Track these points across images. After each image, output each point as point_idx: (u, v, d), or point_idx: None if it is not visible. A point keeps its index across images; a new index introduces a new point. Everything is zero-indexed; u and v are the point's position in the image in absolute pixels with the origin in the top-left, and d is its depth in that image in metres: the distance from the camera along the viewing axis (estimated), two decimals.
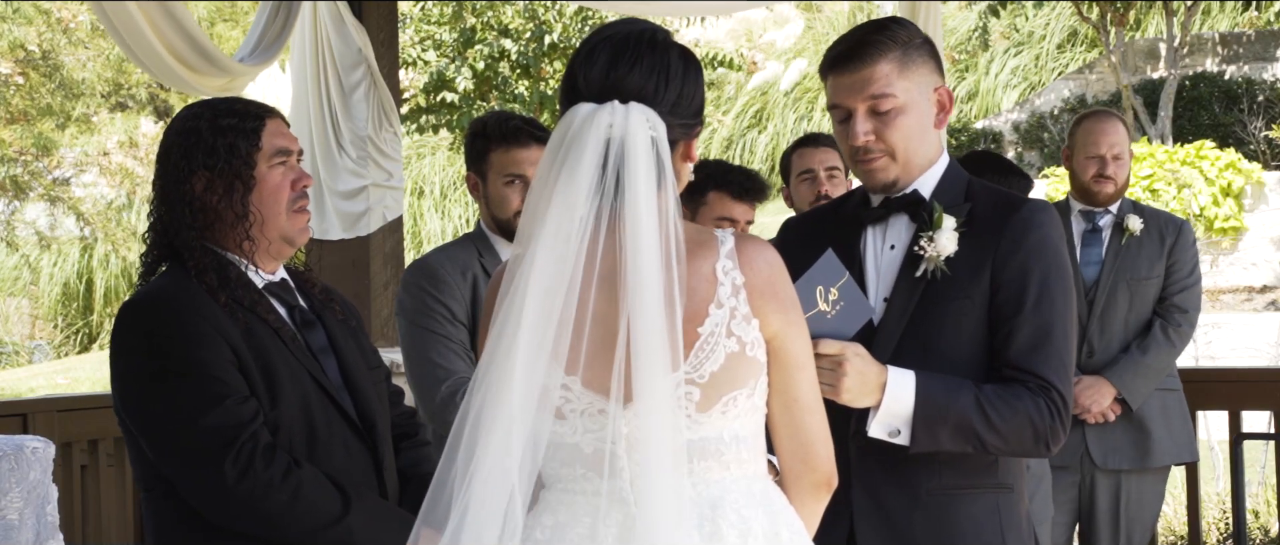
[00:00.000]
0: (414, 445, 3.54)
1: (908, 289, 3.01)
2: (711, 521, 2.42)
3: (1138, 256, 5.48)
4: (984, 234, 3.00)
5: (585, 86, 2.44)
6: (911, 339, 2.99)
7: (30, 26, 18.21)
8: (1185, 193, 14.23)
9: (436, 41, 17.38)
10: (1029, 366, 2.95)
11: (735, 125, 19.24)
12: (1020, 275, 2.97)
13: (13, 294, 19.61)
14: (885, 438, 2.92)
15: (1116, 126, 5.52)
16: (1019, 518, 3.07)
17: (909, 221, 3.05)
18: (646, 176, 2.37)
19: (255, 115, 3.28)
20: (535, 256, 2.36)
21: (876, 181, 3.06)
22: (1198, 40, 17.07)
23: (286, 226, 3.27)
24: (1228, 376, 6.41)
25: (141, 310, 3.21)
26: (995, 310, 2.98)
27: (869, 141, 3.00)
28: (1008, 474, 3.06)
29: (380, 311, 6.80)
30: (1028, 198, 3.10)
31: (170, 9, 5.92)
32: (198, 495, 3.15)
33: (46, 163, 19.58)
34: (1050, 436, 2.95)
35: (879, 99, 2.98)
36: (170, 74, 6.05)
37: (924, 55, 3.04)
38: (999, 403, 2.91)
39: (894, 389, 2.89)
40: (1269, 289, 14.06)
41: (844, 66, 3.02)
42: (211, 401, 3.11)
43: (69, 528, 5.28)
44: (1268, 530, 7.81)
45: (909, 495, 2.99)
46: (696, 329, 2.41)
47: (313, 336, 3.34)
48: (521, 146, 4.18)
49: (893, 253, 3.06)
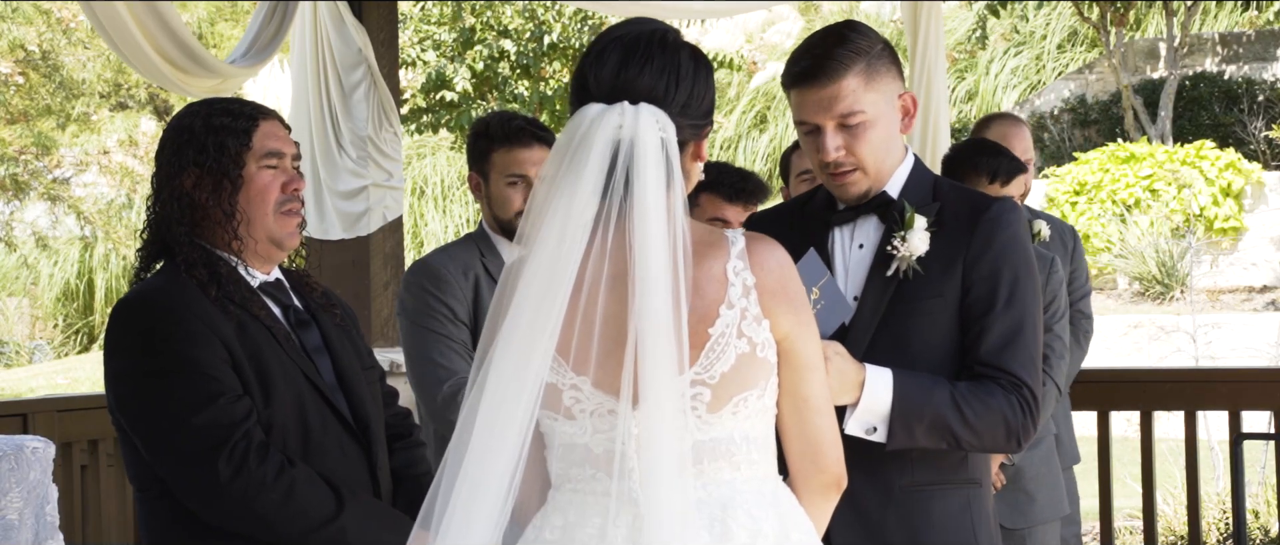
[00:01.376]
0: (408, 446, 3.54)
1: (879, 288, 3.03)
2: (722, 522, 2.42)
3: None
4: (954, 233, 3.03)
5: (595, 87, 2.44)
6: (884, 337, 3.01)
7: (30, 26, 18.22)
8: (1185, 193, 14.23)
9: (436, 41, 17.38)
10: (1001, 364, 2.98)
11: (737, 126, 19.24)
12: (992, 274, 3.00)
13: (13, 294, 19.61)
14: (862, 435, 2.94)
15: (1023, 131, 5.49)
16: (988, 513, 3.11)
17: (878, 221, 3.08)
18: (655, 178, 2.37)
19: (249, 115, 3.28)
20: (538, 256, 2.37)
21: (849, 194, 3.09)
22: (1198, 40, 17.07)
23: (273, 228, 3.27)
24: (1228, 376, 6.41)
25: (135, 309, 3.21)
26: (967, 309, 3.01)
27: (841, 157, 3.02)
28: (976, 470, 3.10)
29: (380, 311, 6.80)
30: (994, 198, 3.12)
31: (159, 10, 5.91)
32: (191, 494, 3.15)
33: (46, 162, 19.59)
34: (1022, 433, 2.99)
35: (847, 115, 3.00)
36: (159, 75, 6.05)
37: (886, 63, 3.05)
38: (973, 400, 2.95)
39: (872, 387, 2.92)
40: (1269, 289, 14.06)
41: (809, 82, 3.02)
42: (205, 400, 3.11)
43: (69, 528, 5.28)
44: (1268, 530, 7.81)
45: (882, 492, 3.01)
46: (707, 330, 2.41)
47: (307, 336, 3.34)
48: (524, 147, 4.18)
49: (861, 252, 3.08)
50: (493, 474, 2.35)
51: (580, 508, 2.44)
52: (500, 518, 2.36)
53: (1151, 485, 6.27)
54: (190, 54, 6.08)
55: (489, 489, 2.35)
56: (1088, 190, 14.66)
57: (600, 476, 2.42)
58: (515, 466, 2.36)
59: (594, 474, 2.43)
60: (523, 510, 2.48)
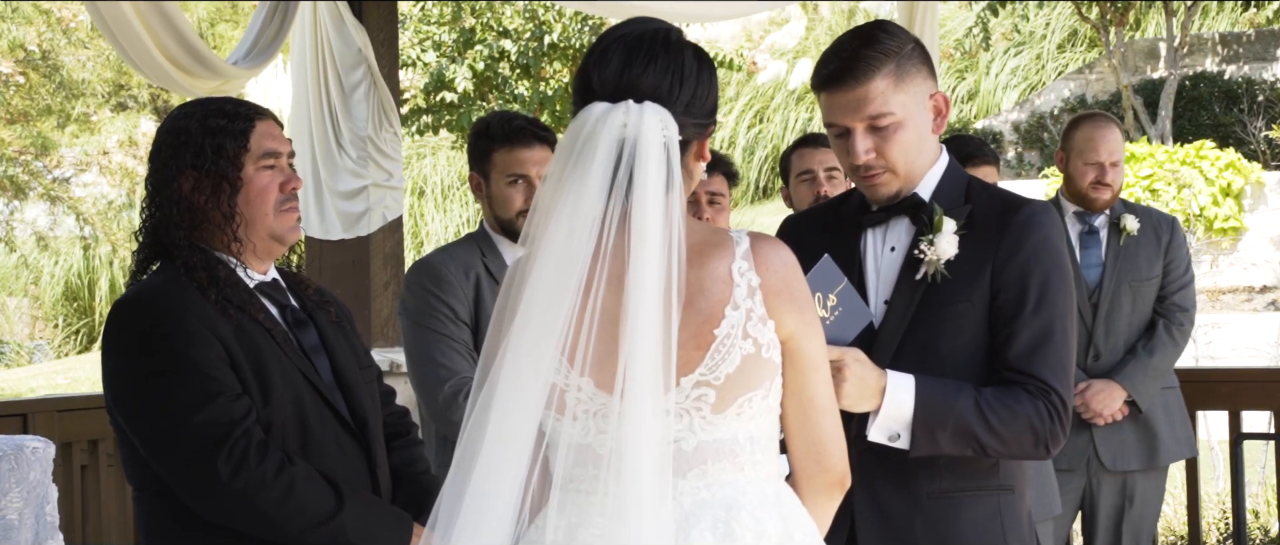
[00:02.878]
0: (406, 445, 3.54)
1: (908, 292, 3.00)
2: (726, 523, 2.42)
3: (1137, 257, 5.47)
4: (985, 236, 2.98)
5: (599, 86, 2.44)
6: (912, 342, 2.98)
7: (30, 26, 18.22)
8: (1185, 193, 14.23)
9: (436, 42, 17.37)
10: (1029, 369, 2.93)
11: (736, 125, 19.24)
12: (1021, 277, 2.95)
13: (13, 294, 19.61)
14: (885, 442, 2.91)
15: (1114, 132, 5.49)
16: (1021, 519, 3.06)
17: (909, 224, 3.04)
18: (656, 178, 2.37)
19: (245, 116, 3.27)
20: (545, 255, 2.36)
21: (879, 196, 3.05)
22: (1198, 40, 17.07)
23: (274, 225, 3.27)
24: (1228, 376, 6.41)
25: (134, 308, 3.21)
26: (996, 312, 2.96)
27: (870, 159, 2.99)
28: (1009, 476, 3.05)
29: (380, 311, 6.80)
30: (1027, 199, 3.08)
31: (164, 10, 5.90)
32: (191, 492, 3.15)
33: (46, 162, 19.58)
34: (1050, 439, 2.94)
35: (877, 118, 2.96)
36: (164, 76, 6.05)
37: (917, 62, 3.01)
38: (998, 406, 2.91)
39: (893, 393, 2.88)
40: (1269, 289, 14.06)
41: (837, 85, 2.98)
42: (204, 399, 3.11)
43: (69, 528, 5.28)
44: (1268, 530, 7.81)
45: (910, 499, 2.98)
46: (712, 331, 2.41)
47: (304, 336, 3.34)
48: (525, 146, 4.18)
49: (893, 255, 3.05)
50: (506, 476, 2.35)
51: (583, 508, 2.43)
52: (513, 521, 2.36)
53: None
54: (195, 54, 6.07)
55: (502, 493, 2.35)
56: None
57: (602, 477, 2.41)
58: (528, 470, 2.36)
59: (596, 474, 2.42)
60: (524, 511, 2.48)
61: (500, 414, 2.35)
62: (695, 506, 2.43)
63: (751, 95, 19.45)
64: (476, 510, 2.34)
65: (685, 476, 2.44)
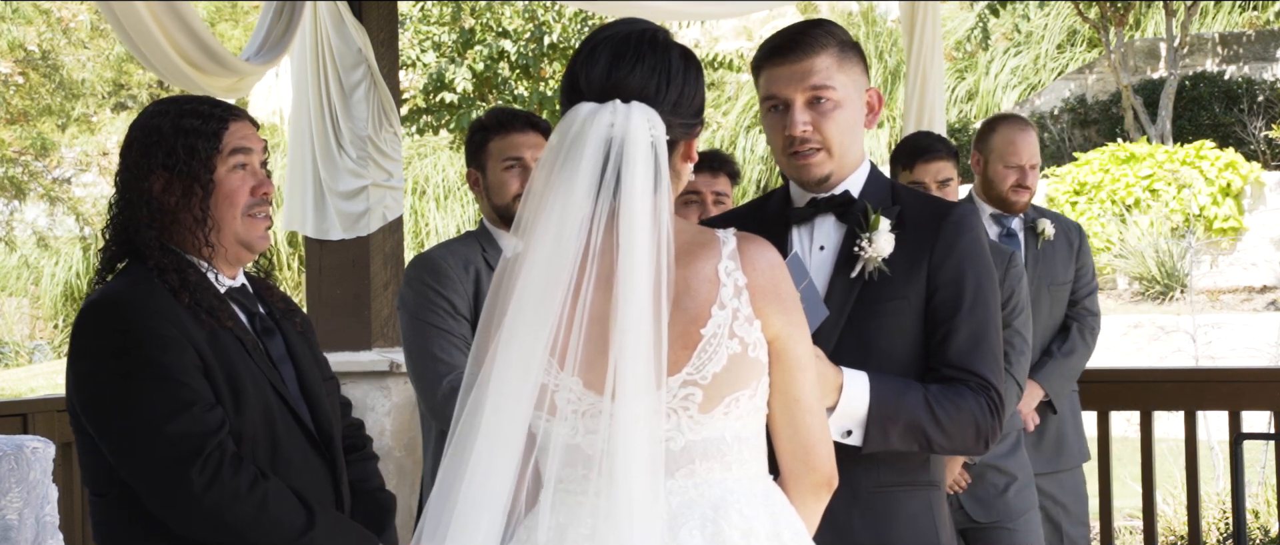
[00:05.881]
0: (361, 459, 3.49)
1: (844, 289, 3.04)
2: (714, 522, 2.42)
3: (1054, 261, 5.52)
4: (917, 235, 3.05)
5: (587, 86, 2.44)
6: (851, 339, 3.02)
7: (30, 26, 18.23)
8: (1185, 193, 14.24)
9: (436, 42, 17.39)
10: (969, 366, 3.00)
11: (736, 125, 19.24)
12: (956, 277, 3.02)
13: (13, 294, 19.62)
14: (837, 439, 2.94)
15: (1033, 135, 5.49)
16: (946, 513, 3.14)
17: (837, 222, 3.09)
18: (644, 178, 2.37)
19: (219, 117, 3.20)
20: (534, 255, 2.37)
21: (810, 176, 3.08)
22: (1198, 40, 17.08)
23: (242, 232, 3.20)
24: (1228, 376, 6.41)
25: (105, 311, 3.11)
26: (932, 311, 3.02)
27: (806, 132, 3.03)
28: (937, 471, 3.12)
29: (380, 311, 6.79)
30: (952, 202, 3.14)
31: (177, 8, 5.90)
32: (161, 503, 3.07)
33: (46, 163, 19.59)
34: (990, 434, 3.02)
35: (819, 89, 3.02)
36: (177, 73, 6.03)
37: (856, 56, 3.10)
38: (945, 402, 2.97)
39: (849, 390, 2.92)
40: (1269, 289, 14.06)
41: (783, 57, 3.05)
42: (178, 408, 3.03)
43: (69, 528, 5.28)
44: (1268, 530, 7.82)
45: (849, 493, 3.00)
46: (699, 330, 2.41)
47: (272, 345, 3.27)
48: (519, 131, 4.22)
49: (823, 253, 3.09)
50: (497, 477, 2.35)
51: (572, 508, 2.44)
52: (504, 522, 2.36)
53: (1151, 485, 6.27)
54: (208, 51, 6.07)
55: (493, 493, 2.35)
56: (1088, 190, 14.68)
57: (592, 477, 2.41)
58: (519, 470, 2.37)
59: (585, 474, 2.43)
60: (514, 512, 2.47)
61: (491, 415, 2.36)
62: (683, 506, 2.44)
63: (751, 95, 19.45)
64: (467, 510, 2.34)
65: (673, 476, 2.44)
